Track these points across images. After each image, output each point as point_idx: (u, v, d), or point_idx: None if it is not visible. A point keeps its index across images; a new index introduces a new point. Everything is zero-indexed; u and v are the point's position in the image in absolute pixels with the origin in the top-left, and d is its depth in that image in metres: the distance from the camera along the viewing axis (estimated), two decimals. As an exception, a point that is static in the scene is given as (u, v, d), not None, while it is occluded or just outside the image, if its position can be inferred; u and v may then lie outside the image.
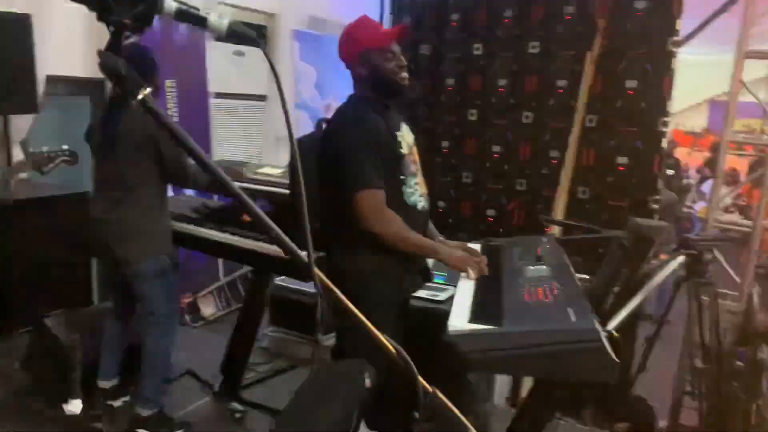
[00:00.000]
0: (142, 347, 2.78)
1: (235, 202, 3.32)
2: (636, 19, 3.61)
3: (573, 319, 1.70)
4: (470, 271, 2.15)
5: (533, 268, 2.17)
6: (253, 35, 1.00)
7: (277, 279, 3.32)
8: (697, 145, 10.60)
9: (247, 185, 3.01)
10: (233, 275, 5.23)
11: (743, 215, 5.63)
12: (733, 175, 5.84)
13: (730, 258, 3.64)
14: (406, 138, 2.27)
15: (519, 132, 4.06)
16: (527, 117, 4.02)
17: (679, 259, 2.90)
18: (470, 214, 4.30)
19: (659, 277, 2.50)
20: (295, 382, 3.29)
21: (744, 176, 5.89)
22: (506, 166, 4.13)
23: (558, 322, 1.70)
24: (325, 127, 2.31)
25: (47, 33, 3.79)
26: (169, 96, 4.68)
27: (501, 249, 2.47)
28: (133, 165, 2.65)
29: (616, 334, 1.86)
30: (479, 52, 4.16)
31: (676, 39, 3.49)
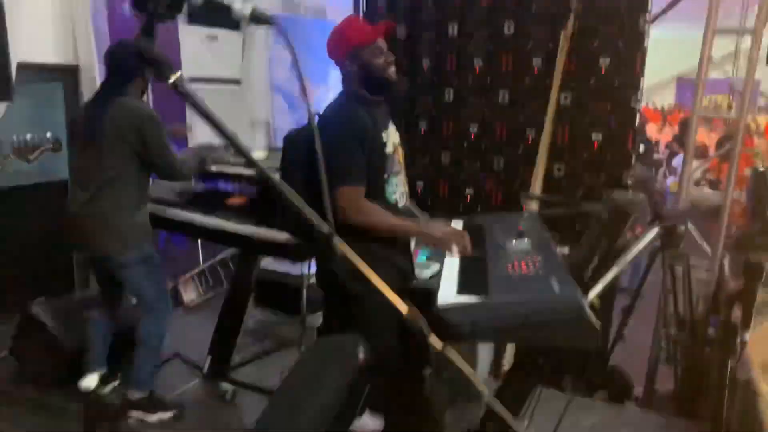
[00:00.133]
0: (135, 332, 2.79)
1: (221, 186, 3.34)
2: (608, -3, 3.68)
3: (556, 289, 1.78)
4: (455, 247, 2.21)
5: (515, 242, 2.25)
6: (272, 18, 1.08)
7: (263, 262, 3.35)
8: (666, 121, 10.82)
9: (232, 169, 3.02)
10: (213, 260, 5.24)
11: (713, 189, 5.81)
12: (702, 150, 5.99)
13: (701, 230, 3.77)
14: (392, 137, 2.33)
15: (495, 111, 4.11)
16: (503, 96, 4.08)
17: (653, 232, 3.00)
18: (448, 194, 4.36)
19: (636, 248, 2.59)
20: (282, 362, 3.37)
21: (713, 151, 6.05)
22: (483, 146, 4.18)
23: (542, 292, 1.78)
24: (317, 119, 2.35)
25: (17, 19, 3.73)
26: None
27: (483, 225, 2.54)
28: (114, 158, 2.65)
29: (596, 303, 1.95)
30: (454, 32, 4.19)
31: (648, 17, 3.57)
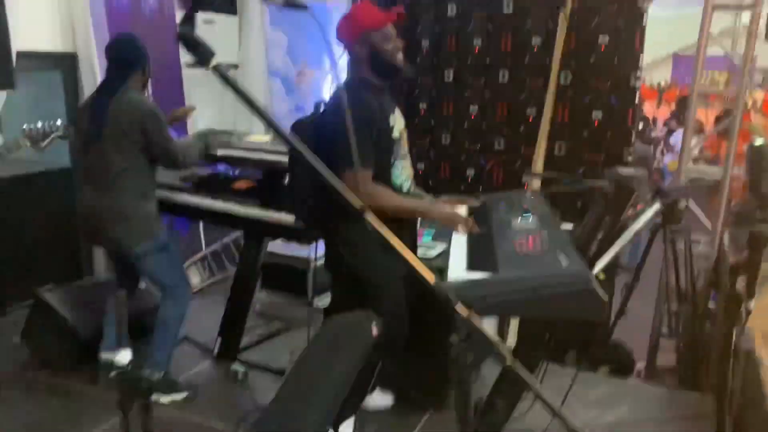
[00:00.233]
0: (153, 315, 2.85)
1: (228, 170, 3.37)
2: (607, -25, 3.69)
3: (564, 264, 1.82)
4: (461, 226, 2.25)
5: (521, 220, 2.28)
6: (304, 3, 1.10)
7: (269, 246, 3.38)
8: (663, 98, 10.82)
9: (237, 153, 3.05)
10: (215, 245, 5.28)
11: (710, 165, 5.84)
12: (698, 127, 6.02)
13: (701, 205, 3.82)
14: (398, 122, 2.36)
15: (495, 91, 4.14)
16: (503, 76, 4.10)
17: (655, 208, 3.05)
18: (449, 175, 4.39)
19: (638, 223, 2.64)
20: (290, 343, 3.42)
21: (709, 128, 6.09)
22: (484, 126, 4.21)
23: (550, 267, 1.81)
24: (321, 106, 2.39)
25: (15, 7, 3.73)
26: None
27: (488, 204, 2.58)
28: (121, 151, 2.67)
29: (602, 276, 1.99)
30: (453, 12, 4.19)
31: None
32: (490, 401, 2.45)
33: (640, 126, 5.86)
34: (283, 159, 2.96)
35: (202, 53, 0.88)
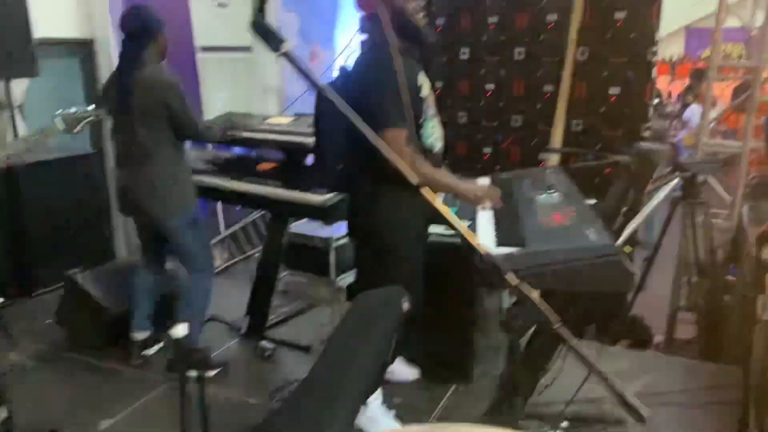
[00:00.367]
0: (181, 293, 2.92)
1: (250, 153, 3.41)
2: (622, -51, 3.67)
3: (592, 237, 1.86)
4: (488, 203, 2.29)
5: (545, 195, 2.32)
6: None
7: (292, 226, 3.44)
8: (675, 72, 10.73)
9: (260, 135, 3.09)
10: (233, 227, 5.34)
11: (725, 140, 5.82)
12: (713, 101, 5.99)
13: (719, 179, 3.83)
14: (425, 82, 2.36)
15: (512, 68, 4.14)
16: (519, 53, 4.10)
17: (674, 181, 3.07)
18: (466, 153, 4.41)
19: (659, 196, 2.67)
20: (315, 321, 3.49)
21: (723, 102, 6.05)
22: (500, 103, 4.22)
23: (578, 241, 1.85)
24: (349, 70, 2.39)
25: (33, -5, 3.76)
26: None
27: (510, 181, 2.61)
28: (148, 125, 2.73)
29: (628, 250, 2.03)
30: (468, -10, 4.19)
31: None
32: (514, 376, 2.51)
33: (655, 101, 5.84)
34: (304, 140, 3.00)
35: (272, 41, 0.91)
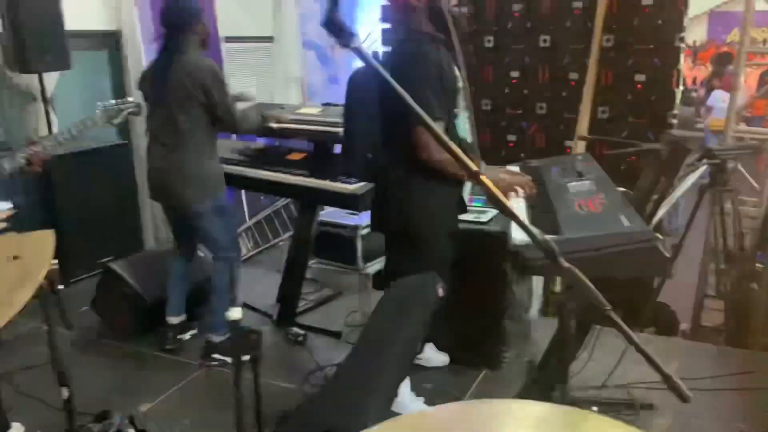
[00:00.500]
0: (211, 280, 2.98)
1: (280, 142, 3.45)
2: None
3: (626, 223, 1.88)
4: (519, 190, 2.31)
5: (576, 183, 2.33)
6: None
7: (320, 215, 3.49)
8: (698, 58, 10.58)
9: (291, 125, 3.14)
10: (258, 216, 5.40)
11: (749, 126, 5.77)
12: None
13: (748, 166, 3.81)
14: (459, 73, 2.37)
15: (537, 56, 4.14)
16: (545, 40, 4.09)
17: (702, 168, 3.07)
18: (491, 141, 4.42)
19: (688, 181, 2.67)
20: (344, 308, 3.54)
21: (747, 87, 5.98)
22: (525, 91, 4.23)
23: (613, 227, 1.87)
24: (384, 59, 2.40)
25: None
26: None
27: (540, 169, 2.63)
28: (185, 112, 2.77)
29: (661, 236, 2.04)
30: (492, -23, 4.19)
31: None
32: (545, 360, 2.54)
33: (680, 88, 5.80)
34: (334, 129, 3.04)
35: (344, 36, 0.94)
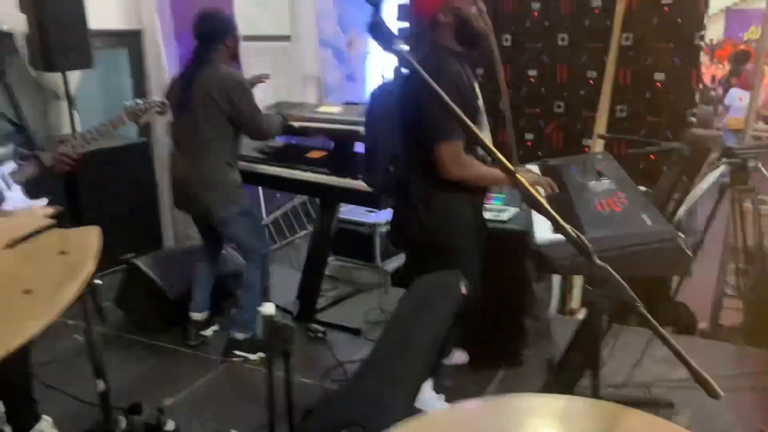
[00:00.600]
0: (237, 279, 3.03)
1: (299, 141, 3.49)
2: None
3: (649, 223, 1.89)
4: (541, 190, 2.32)
5: (596, 182, 2.34)
6: None
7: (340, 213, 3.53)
8: (714, 56, 10.51)
9: (311, 124, 3.17)
10: (275, 214, 5.45)
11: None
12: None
13: (767, 165, 3.79)
14: (479, 91, 2.39)
15: (555, 55, 4.14)
16: (563, 39, 4.09)
17: (722, 168, 3.07)
18: (508, 140, 4.42)
19: (708, 180, 2.67)
20: (362, 305, 3.57)
21: (765, 86, 5.94)
22: (543, 90, 4.23)
23: (636, 226, 1.89)
24: (405, 75, 2.43)
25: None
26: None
27: (559, 168, 2.64)
28: (209, 121, 2.82)
29: (682, 235, 2.05)
30: (510, -24, 4.19)
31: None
32: (565, 358, 2.56)
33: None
34: (353, 128, 3.07)
35: (386, 38, 0.97)
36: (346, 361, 2.92)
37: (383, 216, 3.84)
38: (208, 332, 3.19)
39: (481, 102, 2.38)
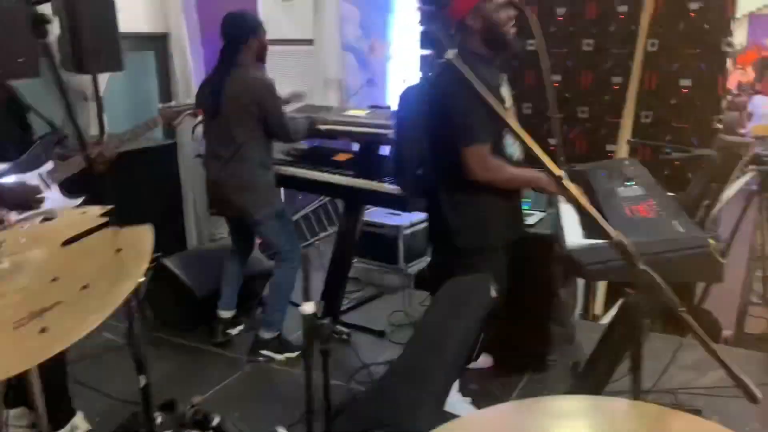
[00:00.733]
0: (267, 279, 3.07)
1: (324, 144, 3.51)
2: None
3: (681, 230, 1.89)
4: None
5: (625, 188, 2.34)
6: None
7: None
8: (737, 62, 10.41)
9: (337, 127, 3.20)
10: (296, 216, 5.48)
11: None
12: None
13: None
14: (507, 94, 2.41)
15: (579, 60, 4.14)
16: (588, 44, 4.09)
17: (749, 175, 3.06)
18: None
19: (735, 186, 2.66)
20: (385, 307, 3.59)
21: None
22: (567, 95, 4.23)
23: (668, 232, 1.89)
24: (432, 80, 2.46)
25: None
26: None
27: (586, 173, 2.64)
28: (241, 125, 2.87)
29: (713, 242, 2.05)
30: (536, -19, 4.19)
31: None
32: (591, 363, 2.55)
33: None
34: (380, 131, 3.09)
35: (440, 47, 0.99)
36: (371, 363, 2.94)
37: (407, 219, 3.86)
38: (235, 331, 3.23)
39: (509, 104, 2.39)
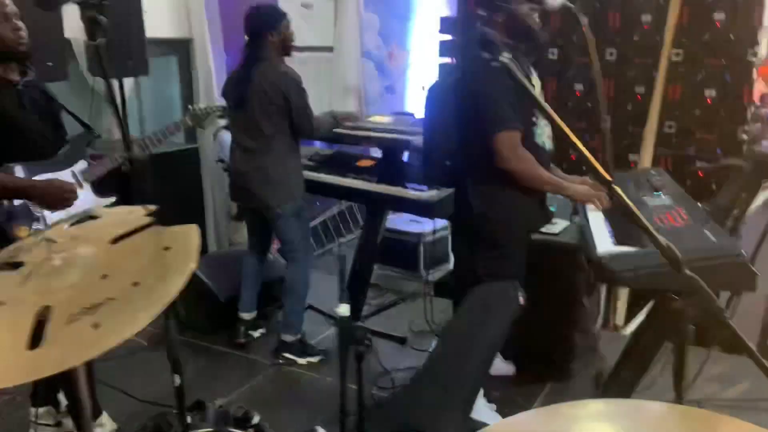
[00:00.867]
0: (282, 281, 3.09)
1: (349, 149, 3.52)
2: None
3: (713, 238, 1.87)
4: (597, 202, 2.33)
5: (653, 197, 2.33)
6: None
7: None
8: (759, 73, 10.35)
9: (362, 133, 3.22)
10: (314, 222, 5.49)
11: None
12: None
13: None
14: (537, 82, 2.41)
15: (602, 69, 4.09)
16: (611, 54, 4.09)
17: (776, 186, 3.03)
18: (554, 155, 4.41)
19: (762, 196, 2.64)
20: (406, 314, 3.59)
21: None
22: (589, 104, 4.22)
23: (699, 241, 1.88)
24: (460, 71, 2.47)
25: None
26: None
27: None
28: (267, 117, 2.88)
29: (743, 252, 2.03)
30: (559, -10, 4.19)
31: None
32: (616, 372, 2.54)
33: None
34: (404, 137, 3.11)
35: (492, 51, 1.00)
36: (393, 370, 2.94)
37: (428, 226, 3.86)
38: (256, 333, 3.25)
39: (538, 92, 2.38)
